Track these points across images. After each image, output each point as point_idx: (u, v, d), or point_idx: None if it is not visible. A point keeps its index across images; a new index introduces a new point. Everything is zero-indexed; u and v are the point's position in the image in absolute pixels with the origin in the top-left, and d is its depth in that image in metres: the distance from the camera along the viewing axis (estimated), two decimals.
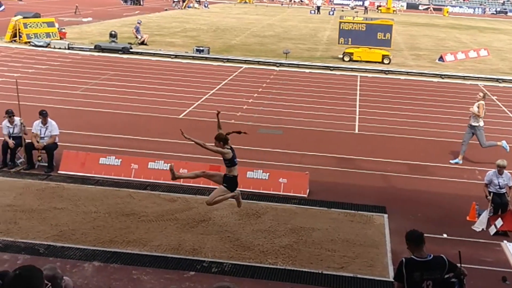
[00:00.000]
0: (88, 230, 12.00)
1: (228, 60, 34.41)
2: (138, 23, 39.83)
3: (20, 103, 15.84)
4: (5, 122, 15.59)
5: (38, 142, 15.40)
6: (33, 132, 15.54)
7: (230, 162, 11.91)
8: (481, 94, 17.90)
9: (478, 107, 17.45)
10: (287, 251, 11.52)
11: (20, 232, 11.76)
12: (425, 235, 7.63)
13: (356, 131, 20.94)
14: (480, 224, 13.13)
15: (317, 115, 22.64)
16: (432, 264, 7.41)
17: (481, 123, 17.55)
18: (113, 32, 37.43)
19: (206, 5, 76.78)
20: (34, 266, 4.27)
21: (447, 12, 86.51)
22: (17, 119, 15.59)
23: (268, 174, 14.80)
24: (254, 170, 14.93)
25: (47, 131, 15.52)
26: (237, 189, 12.24)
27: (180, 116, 21.46)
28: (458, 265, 7.57)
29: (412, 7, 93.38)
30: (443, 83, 31.38)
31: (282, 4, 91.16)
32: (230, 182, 11.97)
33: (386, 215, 13.46)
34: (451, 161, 17.74)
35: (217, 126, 12.45)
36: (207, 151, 12.05)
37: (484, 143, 17.64)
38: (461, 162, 17.60)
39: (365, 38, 35.63)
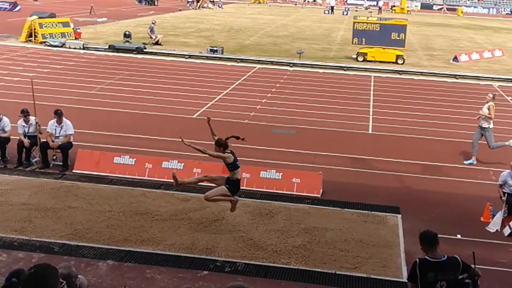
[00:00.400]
0: (102, 229, 12.07)
1: (242, 60, 34.44)
2: (152, 23, 39.95)
3: (36, 102, 15.94)
4: (21, 122, 15.70)
5: (53, 141, 15.50)
6: (48, 132, 15.64)
7: (233, 166, 11.98)
8: (491, 95, 17.79)
9: (488, 109, 17.35)
10: (300, 251, 11.53)
11: (35, 230, 11.84)
12: (439, 235, 7.61)
13: (370, 131, 20.90)
14: (494, 225, 13.07)
15: (331, 115, 22.61)
16: (446, 265, 7.39)
17: (491, 125, 17.46)
18: (127, 32, 37.58)
19: (220, 5, 76.84)
20: (50, 265, 4.31)
21: (462, 12, 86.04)
22: (32, 119, 15.70)
23: (281, 174, 14.81)
24: (268, 170, 14.94)
25: (62, 131, 15.61)
26: (238, 197, 12.33)
27: (194, 116, 21.51)
28: (472, 266, 7.54)
29: (426, 7, 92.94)
30: (457, 84, 31.23)
31: (296, 4, 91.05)
32: (233, 185, 12.04)
33: (399, 216, 13.43)
34: (465, 162, 17.67)
35: (211, 133, 12.45)
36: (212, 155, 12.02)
37: (492, 144, 17.55)
38: (475, 162, 17.52)
39: (379, 38, 35.53)
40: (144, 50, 35.61)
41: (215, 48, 35.61)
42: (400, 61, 35.26)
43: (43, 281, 4.05)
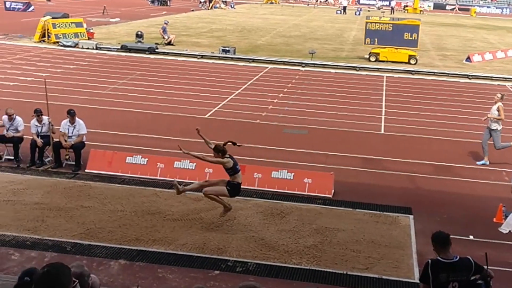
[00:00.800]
0: (114, 228, 12.12)
1: (254, 60, 34.45)
2: (165, 23, 40.05)
3: (49, 102, 16.02)
4: (34, 121, 15.78)
5: (66, 141, 15.57)
6: (61, 131, 15.71)
7: (233, 170, 12.05)
8: (499, 95, 17.72)
9: (498, 110, 17.26)
10: (311, 251, 11.52)
11: (47, 230, 11.91)
12: (451, 236, 7.58)
13: (382, 131, 20.85)
14: (507, 226, 13.01)
15: (342, 115, 22.58)
16: (458, 266, 7.36)
17: (500, 126, 17.37)
18: (139, 33, 37.69)
19: (232, 6, 76.93)
20: (63, 264, 4.33)
21: (475, 12, 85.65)
22: (45, 118, 15.77)
23: (293, 174, 14.80)
24: (279, 170, 14.94)
25: (74, 130, 15.68)
26: (231, 205, 12.42)
27: (206, 116, 21.55)
28: (485, 267, 7.51)
29: (439, 7, 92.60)
30: (470, 84, 31.09)
31: (308, 5, 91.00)
32: (234, 188, 12.12)
33: (411, 216, 13.39)
34: (477, 162, 17.59)
35: (206, 143, 12.52)
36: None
37: (498, 145, 17.47)
38: (488, 163, 17.44)
39: (391, 38, 35.45)
40: (156, 50, 35.70)
41: (227, 48, 35.65)
42: (412, 61, 35.16)
43: (56, 280, 4.07)
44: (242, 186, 14.05)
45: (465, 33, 56.85)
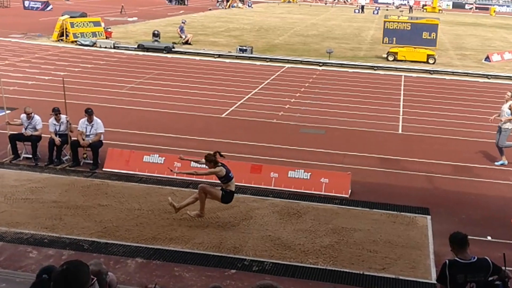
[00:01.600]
0: (131, 227, 12.16)
1: (271, 60, 34.44)
2: (182, 22, 40.15)
3: (67, 101, 16.10)
4: (52, 120, 15.87)
5: (83, 139, 15.65)
6: (79, 130, 15.80)
7: (226, 178, 12.17)
8: (510, 94, 17.57)
9: (510, 108, 17.13)
10: (328, 251, 11.49)
11: (65, 228, 11.98)
12: (469, 237, 7.53)
13: (400, 131, 20.76)
14: None
15: (360, 115, 22.50)
16: (476, 266, 7.31)
17: (510, 126, 17.23)
18: (156, 32, 37.79)
19: (249, 5, 76.96)
20: (81, 261, 4.35)
21: (494, 11, 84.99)
22: (63, 117, 15.86)
23: (309, 173, 14.77)
24: (296, 170, 14.91)
25: (92, 129, 15.75)
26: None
27: (223, 115, 21.57)
28: (503, 268, 7.45)
29: (458, 6, 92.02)
30: (489, 84, 30.86)
31: (326, 3, 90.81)
32: (227, 195, 12.26)
33: (429, 217, 13.32)
34: (496, 163, 17.45)
35: (194, 162, 12.72)
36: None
37: (501, 143, 17.34)
38: (506, 162, 17.30)
39: (410, 37, 35.27)
40: (173, 49, 35.78)
41: (244, 48, 35.66)
42: (431, 61, 34.96)
43: (75, 278, 4.09)
44: (259, 186, 14.11)
45: (484, 33, 56.43)
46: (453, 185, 15.74)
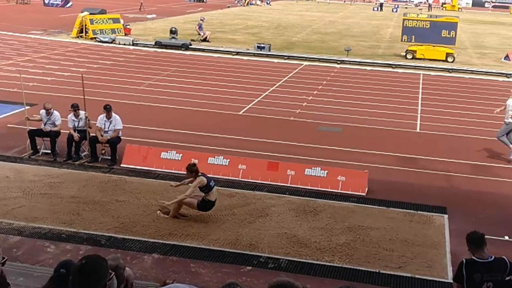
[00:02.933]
0: (148, 222, 12.23)
1: (289, 57, 34.40)
2: (201, 20, 40.22)
3: (86, 97, 16.20)
4: (71, 116, 15.98)
5: (102, 135, 15.75)
6: (97, 126, 15.89)
7: (207, 188, 12.30)
8: None
9: None
10: (344, 249, 11.48)
11: (82, 223, 12.07)
12: (486, 236, 7.50)
13: (418, 129, 20.67)
14: None
15: (378, 113, 22.42)
16: (493, 266, 7.28)
17: None
18: (173, 29, 37.83)
19: (268, 2, 76.88)
20: (100, 256, 4.38)
21: None
22: (82, 113, 15.96)
23: (326, 171, 14.76)
24: (313, 168, 14.90)
25: (111, 125, 15.83)
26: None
27: (240, 113, 21.60)
28: None
29: (477, 4, 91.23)
30: (509, 83, 30.54)
31: (344, 1, 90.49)
32: (204, 204, 12.38)
33: (446, 216, 13.25)
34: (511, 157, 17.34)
35: (183, 184, 12.73)
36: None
37: (501, 136, 17.32)
38: None
39: (429, 35, 35.06)
40: (190, 46, 35.84)
41: (262, 45, 35.64)
42: (450, 59, 34.74)
43: (94, 272, 4.12)
44: (275, 183, 14.16)
45: (504, 31, 55.92)
46: (471, 184, 15.65)
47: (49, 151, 16.05)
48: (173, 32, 37.49)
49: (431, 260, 11.23)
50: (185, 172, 12.60)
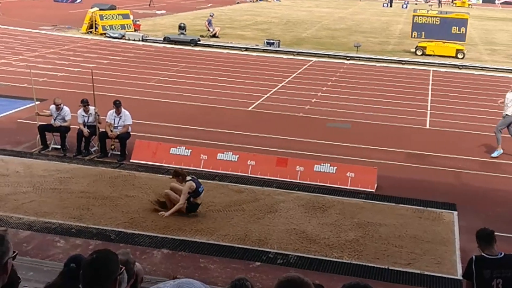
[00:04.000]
0: (158, 218, 12.26)
1: (298, 53, 34.35)
2: (210, 16, 40.19)
3: (95, 92, 16.24)
4: (80, 111, 16.03)
5: (111, 131, 15.78)
6: (107, 121, 15.93)
7: (195, 193, 12.37)
8: None
9: None
10: (353, 245, 11.48)
11: (92, 218, 12.12)
12: (495, 233, 7.48)
13: (427, 126, 20.61)
14: None
15: (387, 109, 22.37)
16: (503, 262, 7.27)
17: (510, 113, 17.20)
18: (182, 25, 37.78)
19: None
20: (110, 250, 4.39)
21: None
22: (91, 109, 16.00)
23: (335, 168, 14.74)
24: (322, 164, 14.89)
25: (120, 121, 15.87)
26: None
27: (249, 109, 21.60)
28: None
29: (488, 1, 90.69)
30: None
31: None
32: (192, 207, 12.44)
33: (456, 213, 13.22)
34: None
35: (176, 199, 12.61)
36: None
37: (498, 130, 17.35)
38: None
39: (439, 31, 34.91)
40: (199, 42, 35.83)
41: (271, 41, 35.59)
42: (460, 56, 34.59)
43: (104, 267, 4.12)
44: (284, 179, 14.21)
45: None
46: (481, 181, 15.61)
47: (59, 146, 16.10)
48: (181, 28, 37.47)
49: (440, 257, 11.22)
50: (194, 168, 12.62)
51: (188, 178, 12.35)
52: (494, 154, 17.34)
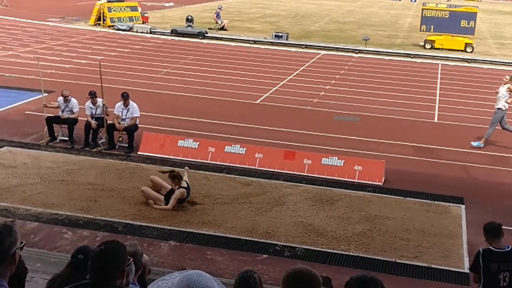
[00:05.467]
0: (165, 210, 12.26)
1: (307, 46, 34.27)
2: (218, 8, 40.12)
3: (103, 85, 16.25)
4: (88, 103, 16.04)
5: (119, 123, 15.80)
6: (115, 114, 15.95)
7: (182, 201, 12.34)
8: (508, 77, 17.52)
9: (509, 90, 17.15)
10: (360, 238, 11.47)
11: (100, 210, 12.15)
12: (504, 227, 7.47)
13: (436, 120, 20.54)
14: None
15: (396, 102, 22.31)
16: (510, 256, 7.26)
17: (505, 107, 17.26)
18: (189, 17, 37.71)
19: None
20: (118, 241, 4.40)
21: None
22: (99, 101, 16.01)
23: (343, 161, 14.72)
24: (329, 157, 14.88)
25: (128, 113, 15.88)
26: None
27: (257, 101, 21.58)
28: None
29: None
30: None
31: None
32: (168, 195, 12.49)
33: (463, 206, 13.20)
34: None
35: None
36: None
37: (492, 124, 17.43)
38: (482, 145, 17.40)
39: (448, 25, 34.77)
40: (206, 34, 35.78)
41: (280, 34, 35.51)
42: (469, 49, 34.43)
43: (113, 258, 4.13)
44: (292, 172, 14.26)
45: None
46: (489, 175, 15.56)
47: (67, 138, 16.13)
48: (189, 20, 37.41)
49: (447, 250, 11.21)
50: (201, 160, 12.62)
51: (184, 184, 12.30)
52: (475, 144, 17.38)
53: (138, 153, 15.56)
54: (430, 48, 34.78)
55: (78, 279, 4.41)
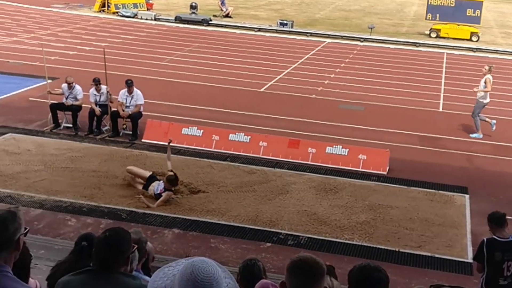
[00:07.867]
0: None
1: (312, 34, 34.15)
2: None
3: (107, 72, 16.21)
4: (92, 90, 16.03)
5: (123, 110, 15.79)
6: (119, 101, 15.93)
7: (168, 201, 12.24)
8: (487, 67, 17.56)
9: (485, 83, 17.10)
10: (364, 227, 11.47)
11: (103, 197, 12.15)
12: (507, 217, 7.45)
13: (441, 109, 20.49)
14: None
15: (401, 91, 22.23)
16: None
17: (486, 100, 17.31)
18: (193, 4, 37.53)
19: None
20: (123, 228, 4.41)
21: None
22: (103, 88, 15.99)
23: (347, 150, 14.70)
24: (334, 146, 14.86)
25: (132, 100, 15.86)
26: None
27: (262, 90, 21.53)
28: None
29: None
30: None
31: None
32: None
33: (467, 196, 13.18)
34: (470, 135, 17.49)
35: (167, 157, 12.77)
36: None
37: (475, 115, 17.44)
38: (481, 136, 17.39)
39: (453, 14, 34.62)
40: (210, 21, 35.66)
41: (285, 22, 35.38)
42: (474, 39, 34.29)
43: (117, 245, 4.14)
44: (296, 161, 14.26)
45: None
46: (493, 164, 15.52)
47: (71, 125, 16.13)
48: (193, 7, 37.25)
49: (451, 240, 11.20)
50: (206, 148, 12.59)
51: (173, 189, 12.26)
52: (474, 136, 17.39)
53: (142, 140, 15.55)
54: (435, 37, 34.65)
55: (82, 266, 4.42)
